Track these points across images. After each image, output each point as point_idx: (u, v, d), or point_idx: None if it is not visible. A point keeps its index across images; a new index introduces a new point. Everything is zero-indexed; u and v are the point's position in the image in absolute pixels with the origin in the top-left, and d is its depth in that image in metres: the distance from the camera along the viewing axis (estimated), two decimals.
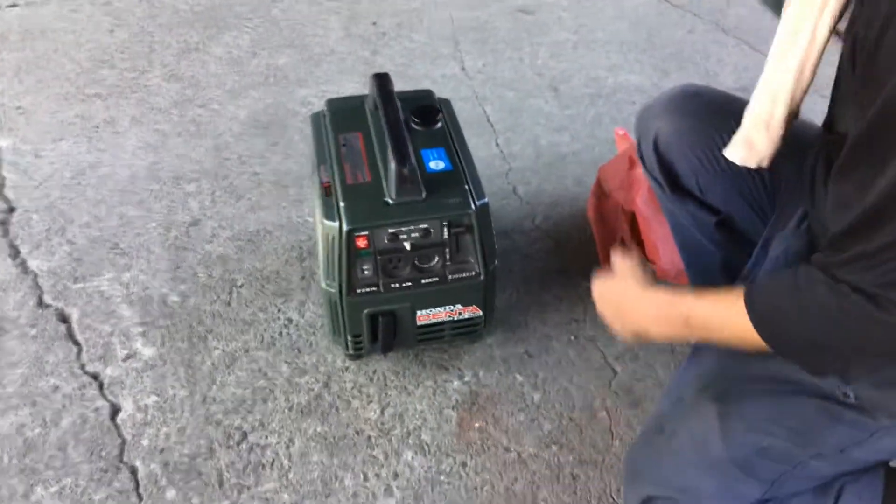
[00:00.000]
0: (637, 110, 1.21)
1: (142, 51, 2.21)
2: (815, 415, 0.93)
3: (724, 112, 1.11)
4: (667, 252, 1.47)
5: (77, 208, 1.69)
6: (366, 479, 1.22)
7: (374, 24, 2.35)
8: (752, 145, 0.94)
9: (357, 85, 2.08)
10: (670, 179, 1.20)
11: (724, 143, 1.06)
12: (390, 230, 1.23)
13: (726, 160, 1.12)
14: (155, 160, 1.83)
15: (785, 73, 0.91)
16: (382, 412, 1.31)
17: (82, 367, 1.37)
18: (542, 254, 1.60)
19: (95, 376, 1.36)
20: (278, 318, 1.47)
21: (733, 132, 1.03)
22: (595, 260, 1.56)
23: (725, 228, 1.21)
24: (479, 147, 1.82)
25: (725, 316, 0.88)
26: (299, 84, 2.10)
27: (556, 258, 1.59)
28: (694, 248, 1.31)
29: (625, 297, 1.02)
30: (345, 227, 1.21)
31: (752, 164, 0.97)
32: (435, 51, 2.23)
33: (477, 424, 1.29)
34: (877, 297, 0.75)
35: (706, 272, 1.34)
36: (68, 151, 1.85)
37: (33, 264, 1.56)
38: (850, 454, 0.96)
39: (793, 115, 0.96)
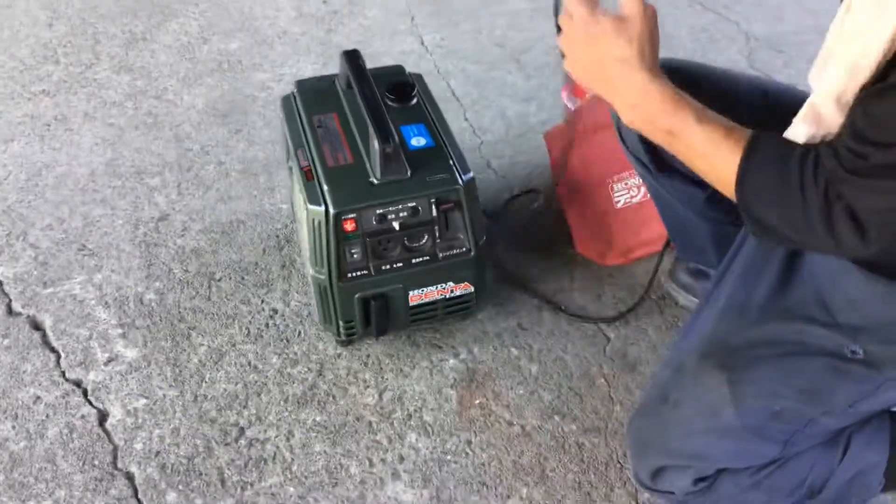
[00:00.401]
0: None
1: (86, 43, 2.12)
2: (823, 373, 0.94)
3: (706, 86, 1.10)
4: (583, 236, 1.50)
5: (37, 211, 1.62)
6: (371, 464, 1.20)
7: (325, 2, 2.30)
8: (820, 121, 0.80)
9: (316, 66, 2.03)
10: (656, 160, 1.19)
11: None
12: (378, 211, 1.20)
13: None
14: (113, 156, 1.76)
15: (870, 41, 0.73)
16: (381, 396, 1.29)
17: (63, 374, 1.32)
18: (522, 227, 1.59)
19: (78, 383, 1.31)
20: (263, 310, 1.43)
21: (716, 105, 0.97)
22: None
23: (715, 202, 1.21)
24: (449, 122, 1.78)
25: (714, 154, 0.83)
26: (255, 68, 2.04)
27: (537, 230, 1.58)
28: (683, 225, 1.31)
29: (621, 63, 0.88)
30: (331, 211, 1.18)
31: (819, 139, 0.83)
32: (391, 26, 2.19)
33: (477, 401, 1.28)
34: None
35: (697, 247, 1.34)
36: (20, 153, 1.76)
37: None
38: (858, 408, 0.97)
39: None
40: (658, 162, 1.19)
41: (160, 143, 1.79)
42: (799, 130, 0.79)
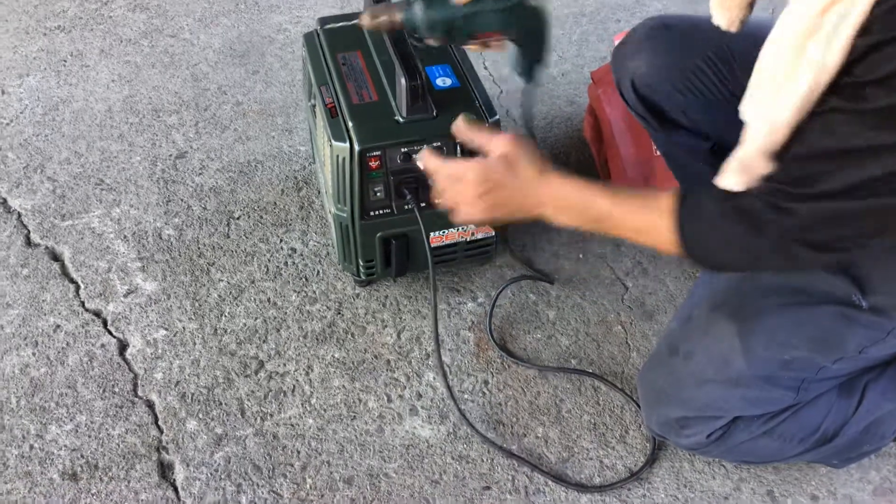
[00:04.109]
0: (622, 28, 1.19)
1: None
2: (833, 321, 0.95)
3: (699, 40, 1.11)
4: (621, 178, 1.48)
5: (54, 145, 1.61)
6: (389, 400, 1.21)
7: None
8: (751, 171, 0.78)
9: (333, 10, 2.01)
10: (656, 116, 1.19)
11: (704, 72, 1.09)
12: (403, 149, 1.19)
13: (710, 90, 1.12)
14: (130, 93, 1.74)
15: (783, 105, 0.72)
16: (399, 336, 1.30)
17: (82, 304, 1.32)
18: None
19: (97, 313, 1.31)
20: (281, 249, 1.43)
21: (710, 59, 1.06)
22: (595, 179, 1.54)
23: (720, 152, 1.20)
24: None
25: (645, 224, 0.88)
26: (271, 10, 2.01)
27: None
28: (691, 175, 1.31)
29: (512, 178, 0.94)
30: (356, 148, 1.17)
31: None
32: None
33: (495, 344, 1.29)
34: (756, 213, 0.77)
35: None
36: (37, 87, 1.75)
37: (15, 203, 1.49)
38: (869, 353, 0.98)
39: None
40: (659, 118, 1.19)
41: (177, 81, 1.78)
42: (731, 181, 0.80)
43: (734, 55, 1.10)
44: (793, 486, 1.12)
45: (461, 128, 1.03)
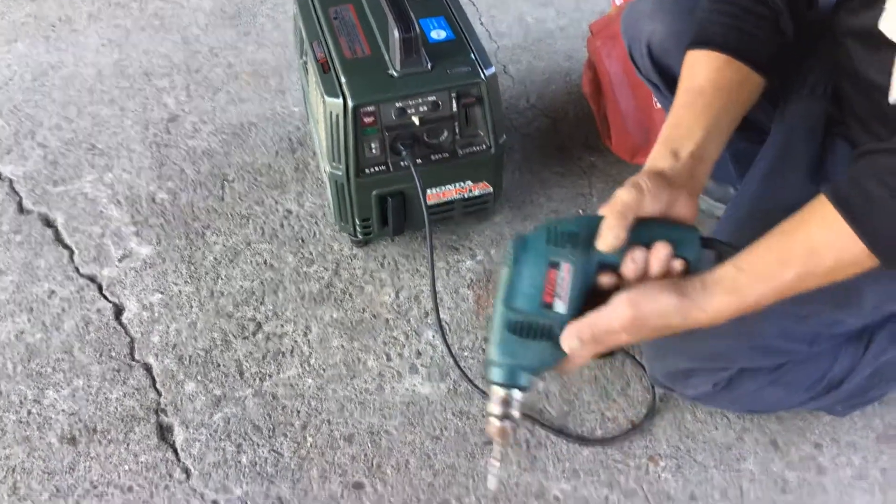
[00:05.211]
0: None
1: None
2: (854, 277, 0.93)
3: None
4: (620, 131, 1.45)
5: (44, 111, 1.58)
6: (389, 359, 1.20)
7: None
8: None
9: None
10: (668, 82, 1.12)
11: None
12: (397, 104, 1.17)
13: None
14: (120, 57, 1.72)
15: None
16: (397, 295, 1.28)
17: (77, 269, 1.31)
18: (540, 132, 1.56)
19: (92, 278, 1.30)
20: (277, 211, 1.41)
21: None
22: (594, 134, 1.52)
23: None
24: None
25: (812, 242, 0.75)
26: None
27: (555, 135, 1.55)
28: None
29: (671, 328, 0.79)
30: (350, 103, 1.15)
31: None
32: None
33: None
34: None
35: (717, 163, 1.31)
36: (25, 53, 1.72)
37: (6, 170, 1.47)
38: (884, 309, 0.96)
39: None
40: (670, 83, 1.15)
41: (168, 44, 1.75)
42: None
43: None
44: (796, 435, 1.11)
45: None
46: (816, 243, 0.75)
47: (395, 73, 1.18)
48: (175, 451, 1.10)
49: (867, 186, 0.72)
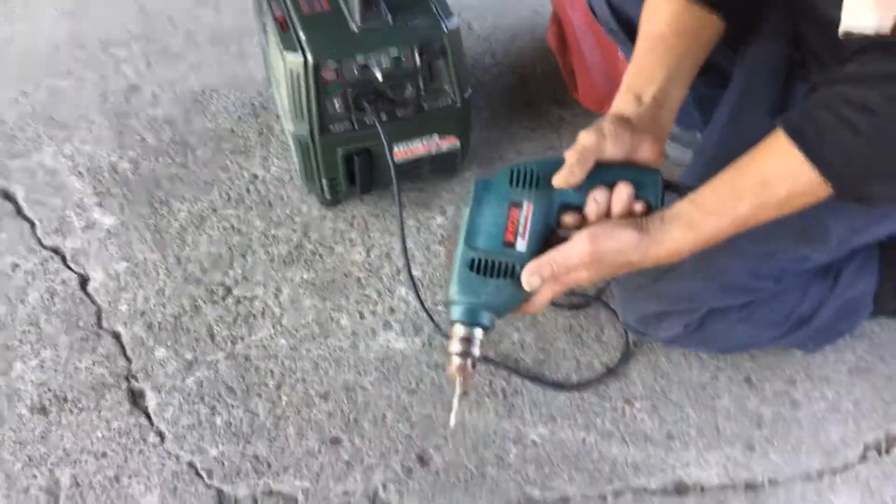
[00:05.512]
0: None
1: None
2: (817, 211, 0.93)
3: None
4: (587, 82, 1.44)
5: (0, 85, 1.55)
6: (362, 317, 1.19)
7: None
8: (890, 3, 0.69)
9: None
10: (629, 30, 1.12)
11: None
12: (359, 59, 1.15)
13: None
14: (76, 28, 1.67)
15: None
16: (368, 254, 1.27)
17: (39, 242, 1.28)
18: (507, 88, 1.55)
19: (56, 250, 1.27)
20: (242, 176, 1.39)
21: None
22: (561, 89, 1.52)
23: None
24: None
25: (766, 173, 0.76)
26: None
27: (522, 91, 1.54)
28: None
29: (627, 266, 0.80)
30: (310, 60, 1.13)
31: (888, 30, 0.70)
32: None
33: None
34: None
35: (681, 110, 1.30)
36: None
37: None
38: (850, 243, 0.97)
39: None
40: (630, 33, 1.14)
41: (124, 14, 1.71)
42: (868, 20, 0.67)
43: None
44: (769, 372, 1.12)
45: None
46: (769, 174, 0.76)
47: (355, 28, 1.17)
48: (148, 416, 1.08)
49: (819, 116, 0.73)
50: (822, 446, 1.06)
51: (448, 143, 1.27)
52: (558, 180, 0.77)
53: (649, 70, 0.87)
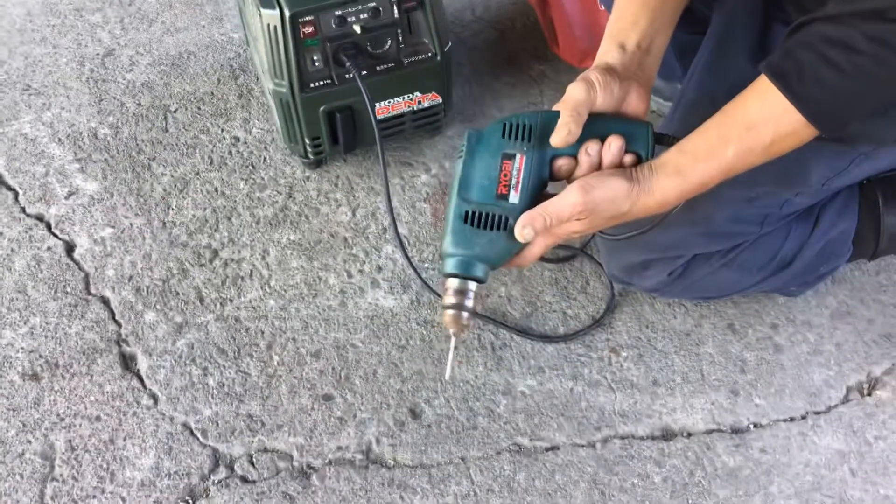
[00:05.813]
0: None
1: None
2: (797, 154, 0.93)
3: None
4: (567, 36, 1.43)
5: None
6: (350, 276, 1.20)
7: None
8: None
9: None
10: None
11: None
12: (337, 13, 1.14)
13: None
14: None
15: None
16: (354, 213, 1.27)
17: (23, 210, 1.28)
18: (488, 44, 1.54)
19: (40, 217, 1.27)
20: (224, 139, 1.38)
21: None
22: (542, 43, 1.51)
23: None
24: None
25: (751, 117, 0.77)
26: None
27: (503, 47, 1.54)
28: None
29: (616, 218, 0.81)
30: (287, 13, 1.12)
31: None
32: None
33: None
34: None
35: (664, 61, 1.30)
36: None
37: None
38: (831, 185, 0.98)
39: None
40: None
41: None
42: None
43: None
44: (752, 318, 1.14)
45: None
46: (754, 118, 0.77)
47: None
48: (140, 379, 1.09)
49: (799, 56, 0.73)
50: (805, 389, 1.09)
51: (430, 99, 1.27)
52: (557, 140, 0.77)
53: (631, 17, 0.87)
